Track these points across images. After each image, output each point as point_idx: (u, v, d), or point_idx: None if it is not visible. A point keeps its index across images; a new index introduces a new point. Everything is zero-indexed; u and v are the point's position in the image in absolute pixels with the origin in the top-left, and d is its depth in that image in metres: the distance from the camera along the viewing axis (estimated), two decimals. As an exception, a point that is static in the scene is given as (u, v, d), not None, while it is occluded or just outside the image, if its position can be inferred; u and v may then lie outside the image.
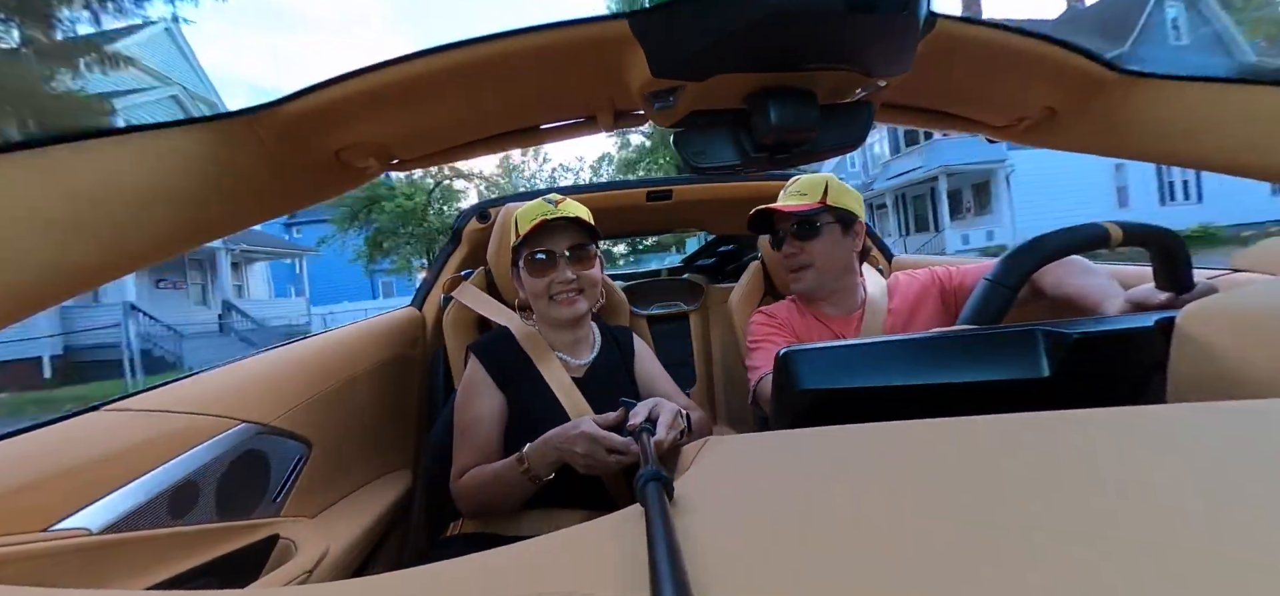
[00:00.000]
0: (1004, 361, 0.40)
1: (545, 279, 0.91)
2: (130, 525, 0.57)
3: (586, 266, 0.93)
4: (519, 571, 0.25)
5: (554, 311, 0.92)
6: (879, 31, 0.45)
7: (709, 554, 0.23)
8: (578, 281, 0.91)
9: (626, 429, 0.72)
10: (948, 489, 0.25)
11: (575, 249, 0.92)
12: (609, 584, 0.22)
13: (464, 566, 0.26)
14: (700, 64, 0.47)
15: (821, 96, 0.54)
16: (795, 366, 0.44)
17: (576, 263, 0.92)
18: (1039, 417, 0.30)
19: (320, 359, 0.95)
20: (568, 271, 0.90)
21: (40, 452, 0.53)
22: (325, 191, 0.62)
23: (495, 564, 0.26)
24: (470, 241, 1.36)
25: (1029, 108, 0.72)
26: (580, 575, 0.24)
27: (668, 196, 1.43)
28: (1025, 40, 0.60)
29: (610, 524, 0.29)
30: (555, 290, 0.91)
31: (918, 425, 0.32)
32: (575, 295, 0.92)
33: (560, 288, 0.91)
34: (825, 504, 0.26)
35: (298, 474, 0.83)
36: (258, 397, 0.78)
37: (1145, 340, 0.39)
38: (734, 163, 0.57)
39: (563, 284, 0.90)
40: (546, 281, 0.91)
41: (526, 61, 0.51)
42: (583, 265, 0.92)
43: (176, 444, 0.64)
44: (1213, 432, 0.27)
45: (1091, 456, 0.26)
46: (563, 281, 0.90)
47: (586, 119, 0.64)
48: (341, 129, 0.58)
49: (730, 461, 0.37)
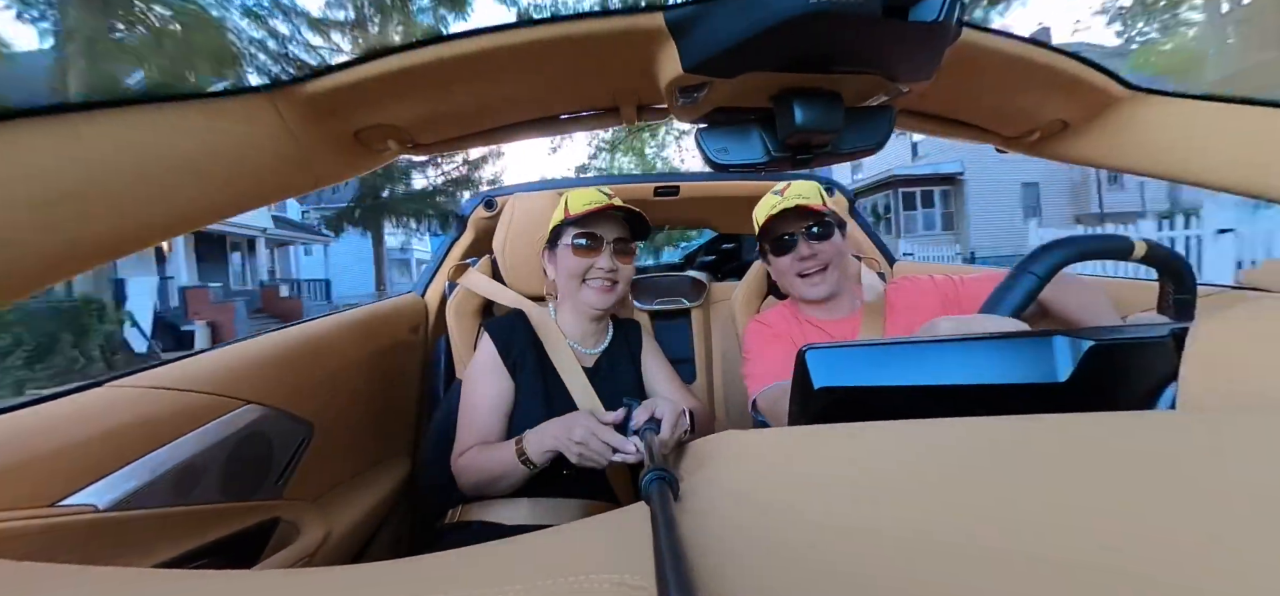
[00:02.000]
0: (1021, 365, 0.41)
1: (587, 262, 0.91)
2: (136, 503, 0.56)
3: (626, 260, 0.94)
4: (523, 563, 0.25)
5: (586, 296, 0.92)
6: (911, 37, 0.45)
7: (716, 553, 0.23)
8: (616, 273, 0.92)
9: (630, 429, 0.72)
10: (963, 488, 0.25)
11: (620, 241, 0.93)
12: (613, 580, 0.22)
13: (468, 556, 0.26)
14: (732, 61, 0.47)
15: (846, 99, 0.55)
16: (813, 365, 0.44)
17: (619, 254, 0.92)
18: (1058, 420, 0.31)
19: (323, 342, 0.94)
20: (610, 261, 0.91)
21: (47, 428, 0.52)
22: (343, 172, 0.62)
23: (499, 554, 0.26)
24: (476, 229, 1.35)
25: (1042, 120, 0.73)
26: (585, 567, 0.23)
27: (675, 192, 1.43)
28: (1044, 53, 0.61)
29: (615, 519, 0.29)
30: (593, 275, 0.91)
31: (934, 424, 0.32)
32: (610, 285, 0.92)
33: (598, 274, 0.91)
34: (837, 502, 0.26)
35: (300, 457, 0.83)
36: (262, 379, 0.77)
37: (1160, 349, 0.40)
38: (757, 161, 0.58)
39: (602, 270, 0.91)
40: (587, 265, 0.91)
41: (556, 50, 0.51)
42: (624, 258, 0.93)
43: (182, 422, 0.63)
44: (1229, 440, 0.27)
45: (1110, 460, 0.26)
46: (603, 269, 0.91)
47: (609, 110, 0.64)
48: (362, 110, 0.57)
49: (743, 458, 0.37)
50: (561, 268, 0.93)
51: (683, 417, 0.74)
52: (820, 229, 0.96)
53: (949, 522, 0.22)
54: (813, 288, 0.97)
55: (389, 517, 1.05)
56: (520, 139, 0.70)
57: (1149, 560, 0.18)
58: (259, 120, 0.51)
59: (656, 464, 0.40)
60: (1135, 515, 0.21)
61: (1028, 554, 0.20)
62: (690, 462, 0.53)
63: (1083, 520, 0.21)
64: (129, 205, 0.44)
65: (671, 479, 0.35)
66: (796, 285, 0.99)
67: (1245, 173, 0.62)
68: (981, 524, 0.22)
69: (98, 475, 0.54)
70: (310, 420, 0.85)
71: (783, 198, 0.96)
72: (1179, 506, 0.21)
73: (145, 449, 0.59)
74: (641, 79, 0.55)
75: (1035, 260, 0.56)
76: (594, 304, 0.92)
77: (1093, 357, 0.39)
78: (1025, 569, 0.19)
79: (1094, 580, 0.18)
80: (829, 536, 0.23)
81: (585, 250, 0.91)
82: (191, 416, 0.65)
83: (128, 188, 0.44)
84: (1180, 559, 0.18)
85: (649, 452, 0.59)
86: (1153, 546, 0.19)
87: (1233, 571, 0.17)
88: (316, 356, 0.90)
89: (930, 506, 0.24)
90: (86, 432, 0.55)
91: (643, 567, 0.21)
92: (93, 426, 0.55)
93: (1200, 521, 0.20)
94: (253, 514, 0.71)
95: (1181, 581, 0.17)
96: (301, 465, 0.82)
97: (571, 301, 0.95)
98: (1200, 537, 0.19)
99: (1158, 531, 0.20)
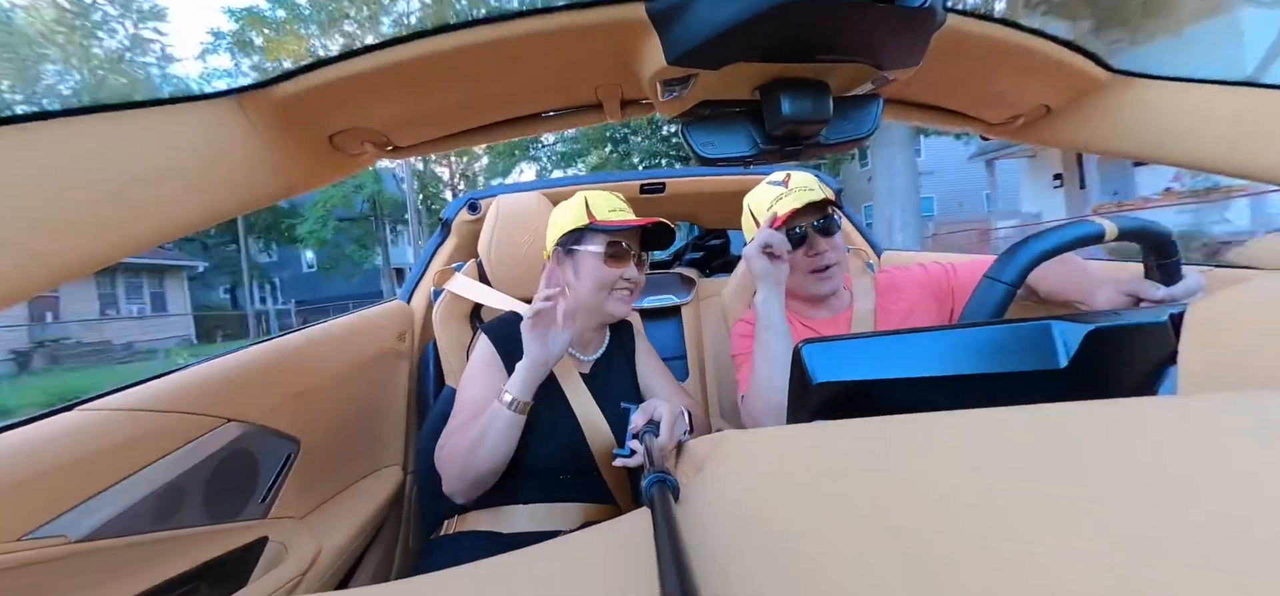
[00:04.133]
0: (1020, 354, 0.41)
1: (617, 270, 0.87)
2: (112, 531, 0.54)
3: (643, 269, 0.92)
4: (533, 578, 0.25)
5: (609, 305, 0.89)
6: (899, 23, 0.45)
7: (718, 554, 0.23)
8: (638, 283, 0.91)
9: (629, 433, 0.71)
10: (965, 481, 0.25)
11: (641, 250, 0.91)
12: (618, 588, 0.22)
13: (474, 573, 0.26)
14: (717, 51, 0.46)
15: (833, 89, 0.54)
16: (811, 360, 0.43)
17: (640, 263, 0.91)
18: (1060, 409, 0.30)
19: (307, 354, 0.91)
20: (637, 273, 0.90)
21: (13, 456, 0.50)
22: (318, 178, 0.60)
23: (508, 569, 0.26)
24: (459, 233, 1.33)
25: (1026, 104, 0.74)
26: (590, 581, 0.23)
27: (661, 189, 1.42)
28: (1028, 37, 0.61)
29: (617, 528, 0.29)
30: (620, 284, 0.89)
31: (936, 418, 0.32)
32: (630, 295, 0.91)
33: (625, 284, 0.89)
34: (840, 499, 0.26)
35: (286, 473, 0.80)
36: (243, 395, 0.74)
37: (1159, 333, 0.40)
38: (744, 154, 0.57)
39: (629, 281, 0.89)
40: (617, 274, 0.88)
41: (536, 45, 0.49)
42: (642, 267, 0.92)
43: (160, 444, 0.61)
44: (1230, 422, 0.27)
45: (1111, 447, 0.26)
46: (630, 279, 0.89)
47: (592, 106, 0.63)
48: (336, 113, 0.55)
49: (744, 458, 0.37)
50: (585, 274, 0.88)
51: (681, 419, 0.73)
52: (828, 223, 0.93)
53: (954, 518, 0.22)
54: (824, 284, 0.94)
55: (382, 531, 1.03)
56: (502, 138, 0.69)
57: (1157, 549, 0.18)
58: (227, 125, 0.49)
59: (656, 467, 0.39)
60: (1142, 504, 0.21)
61: (1036, 546, 0.19)
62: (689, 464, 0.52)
63: (1090, 510, 0.21)
64: (88, 219, 0.41)
65: (671, 482, 0.34)
66: (808, 283, 0.95)
67: (1227, 153, 0.62)
68: (988, 518, 0.22)
69: (70, 503, 0.51)
70: (296, 435, 0.83)
71: (788, 189, 0.92)
72: (1185, 493, 0.21)
73: (121, 474, 0.56)
74: (624, 72, 0.54)
75: (1003, 267, 0.55)
76: (617, 312, 0.91)
77: (1092, 342, 0.39)
78: (1033, 562, 0.19)
79: (1103, 571, 0.18)
80: (830, 535, 0.23)
81: (616, 259, 0.88)
82: (169, 437, 0.62)
83: (87, 200, 0.41)
84: (1188, 546, 0.18)
85: (648, 456, 0.58)
86: (1160, 535, 0.19)
87: (1240, 559, 0.17)
88: (299, 369, 0.88)
89: (935, 502, 0.23)
90: (56, 459, 0.52)
91: (645, 581, 0.21)
92: (63, 452, 0.53)
93: (1206, 507, 0.20)
94: (239, 535, 0.69)
95: (1189, 568, 0.17)
96: (288, 482, 0.80)
97: (587, 308, 0.91)
98: (1207, 522, 0.19)
99: (1165, 520, 0.19)
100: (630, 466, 0.72)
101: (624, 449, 0.72)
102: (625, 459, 0.71)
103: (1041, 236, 0.56)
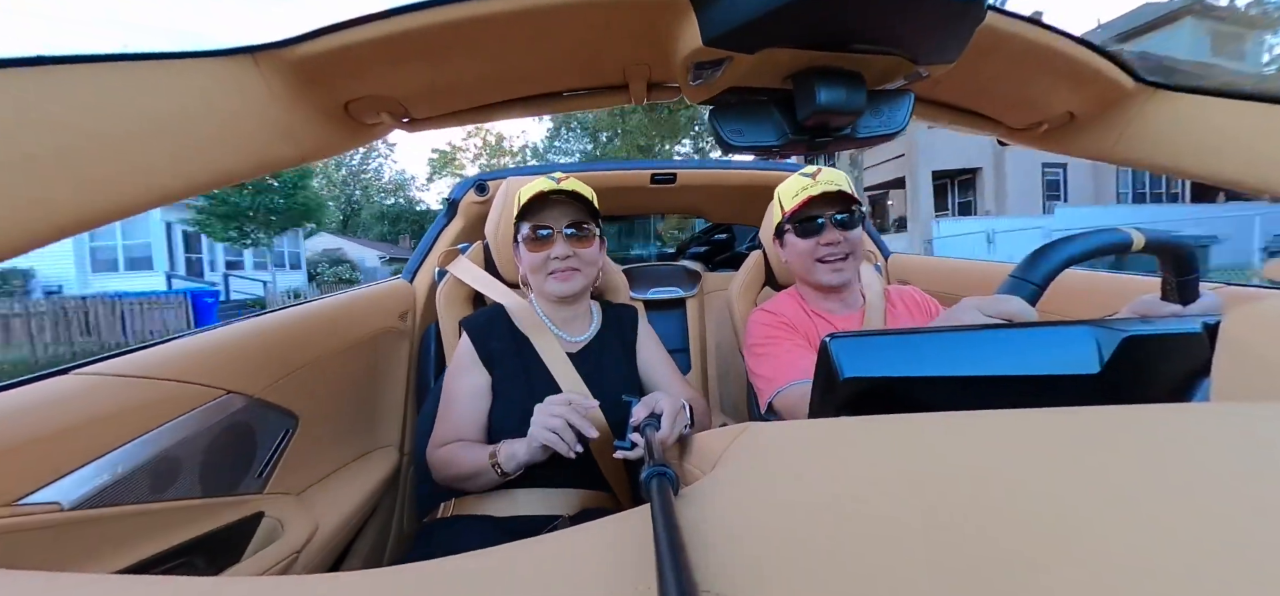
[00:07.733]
0: (1054, 356, 0.40)
1: (542, 253, 0.89)
2: (106, 500, 0.52)
3: (585, 245, 0.91)
4: (530, 570, 0.24)
5: (550, 286, 0.91)
6: (942, 16, 0.44)
7: (719, 549, 0.22)
8: (574, 259, 0.90)
9: (630, 425, 0.70)
10: (999, 481, 0.24)
11: (574, 226, 0.90)
12: (618, 583, 0.22)
13: (470, 562, 0.25)
14: (756, 35, 0.45)
15: (867, 82, 0.53)
16: (839, 354, 0.42)
17: (575, 240, 0.90)
18: (1089, 412, 0.30)
19: (307, 329, 0.89)
20: (565, 248, 0.89)
21: (6, 419, 0.48)
22: (332, 146, 0.58)
23: (506, 562, 0.25)
24: (466, 215, 1.31)
25: (1051, 110, 0.73)
26: (588, 575, 0.23)
27: (671, 180, 1.40)
28: (1063, 41, 0.60)
29: (617, 523, 0.28)
30: (552, 265, 0.90)
31: (969, 416, 0.31)
32: (571, 272, 0.90)
33: (557, 263, 0.89)
34: (856, 496, 0.25)
35: (284, 448, 0.79)
36: (244, 367, 0.73)
37: (1194, 343, 0.39)
38: (772, 143, 0.56)
39: (559, 259, 0.89)
40: (543, 256, 0.89)
41: (567, 16, 0.48)
42: (581, 243, 0.91)
43: (157, 413, 0.59)
44: (1266, 431, 0.27)
45: (1143, 453, 0.26)
46: (559, 258, 0.89)
47: (617, 87, 0.61)
48: (353, 78, 0.53)
49: (766, 452, 0.36)
50: (524, 261, 0.92)
51: (683, 413, 0.72)
52: (849, 217, 0.95)
53: (987, 518, 0.21)
54: (834, 274, 0.95)
55: (377, 511, 1.01)
56: (519, 116, 0.67)
57: (1188, 552, 0.18)
58: (241, 84, 0.47)
59: (657, 460, 0.38)
60: (1176, 508, 0.20)
61: (1057, 548, 0.19)
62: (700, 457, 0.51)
63: (1119, 514, 0.20)
64: (93, 173, 0.39)
65: (671, 475, 0.34)
66: (816, 270, 0.97)
67: (1249, 168, 0.62)
68: (1023, 518, 0.21)
69: (63, 470, 0.49)
70: (295, 411, 0.81)
71: (815, 181, 0.95)
72: (1219, 497, 0.21)
73: (116, 441, 0.54)
74: (655, 52, 0.52)
75: (1031, 267, 0.54)
76: (559, 291, 0.91)
77: (1126, 349, 0.39)
78: (1054, 563, 0.18)
79: (1129, 572, 0.17)
80: (845, 532, 0.22)
81: (540, 241, 0.90)
82: (167, 406, 0.60)
83: (92, 153, 0.39)
84: (1219, 551, 0.18)
85: (649, 449, 0.57)
86: (1192, 538, 0.18)
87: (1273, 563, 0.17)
88: (299, 344, 0.86)
89: (966, 501, 0.23)
90: (50, 425, 0.50)
91: (643, 579, 0.21)
92: (57, 418, 0.51)
93: (1239, 511, 0.20)
94: (235, 509, 0.67)
95: (1222, 571, 0.17)
96: (285, 458, 0.78)
97: (538, 292, 0.95)
98: (1241, 527, 0.19)
99: (1199, 524, 0.19)
100: (630, 459, 0.72)
101: (624, 441, 0.71)
102: (626, 452, 0.71)
103: (1071, 241, 0.55)
